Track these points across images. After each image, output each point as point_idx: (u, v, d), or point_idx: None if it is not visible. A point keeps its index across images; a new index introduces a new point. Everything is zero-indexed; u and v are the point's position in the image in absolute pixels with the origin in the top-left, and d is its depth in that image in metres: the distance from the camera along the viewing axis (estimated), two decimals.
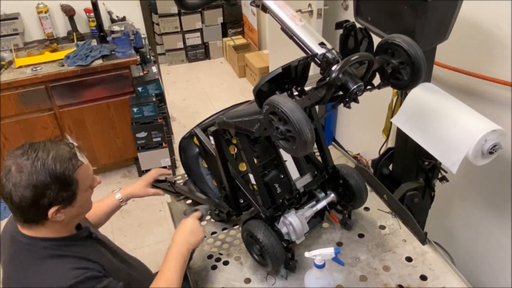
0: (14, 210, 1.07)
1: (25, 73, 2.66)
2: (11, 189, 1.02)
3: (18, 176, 1.02)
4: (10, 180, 1.02)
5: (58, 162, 1.05)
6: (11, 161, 1.04)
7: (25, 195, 1.02)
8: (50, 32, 3.19)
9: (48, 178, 1.03)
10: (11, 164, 1.04)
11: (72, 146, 1.12)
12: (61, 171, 1.05)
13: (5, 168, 1.04)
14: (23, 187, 1.02)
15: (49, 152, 1.05)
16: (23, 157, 1.04)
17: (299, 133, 0.89)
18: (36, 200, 1.04)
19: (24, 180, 1.02)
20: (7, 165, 1.04)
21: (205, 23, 4.84)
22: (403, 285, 1.29)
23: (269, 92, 1.05)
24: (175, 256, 1.23)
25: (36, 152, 1.05)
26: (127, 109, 2.92)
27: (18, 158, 1.04)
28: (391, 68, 1.12)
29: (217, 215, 1.56)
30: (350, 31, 1.13)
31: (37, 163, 1.03)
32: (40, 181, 1.03)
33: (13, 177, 1.02)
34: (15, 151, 1.06)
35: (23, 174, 1.02)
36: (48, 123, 2.85)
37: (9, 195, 1.03)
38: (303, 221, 1.31)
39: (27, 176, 1.02)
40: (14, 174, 1.02)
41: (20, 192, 1.02)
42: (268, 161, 1.40)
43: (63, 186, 1.06)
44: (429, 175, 1.70)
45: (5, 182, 1.03)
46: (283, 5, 1.18)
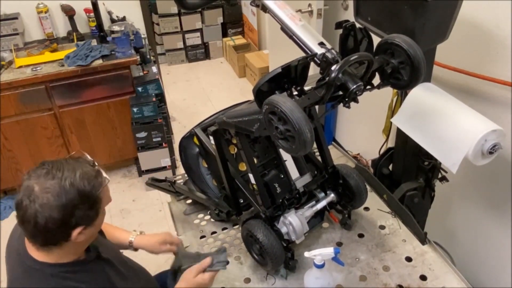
0: (35, 233, 1.00)
1: (25, 73, 2.66)
2: (36, 211, 0.96)
3: (45, 196, 0.96)
4: (35, 201, 0.96)
5: (85, 180, 1.01)
6: (34, 181, 0.98)
7: (53, 216, 0.97)
8: (50, 32, 3.18)
9: (78, 197, 0.99)
10: (34, 184, 0.97)
11: (93, 163, 1.08)
12: (89, 189, 1.01)
13: (26, 189, 0.98)
14: (51, 207, 0.96)
15: (75, 171, 1.00)
16: (48, 176, 0.98)
17: (299, 132, 0.89)
18: (64, 220, 0.99)
19: (52, 201, 0.96)
20: (28, 185, 0.98)
21: (205, 23, 4.84)
22: (403, 285, 1.29)
23: (268, 92, 1.05)
24: None
25: (61, 171, 0.99)
26: (127, 109, 2.92)
27: (42, 178, 0.98)
28: (391, 68, 1.12)
29: (217, 215, 1.56)
30: (349, 31, 1.13)
31: (65, 182, 0.98)
32: (69, 201, 0.98)
33: (39, 198, 0.96)
34: (36, 171, 1.00)
35: (50, 194, 0.96)
36: (48, 123, 2.85)
37: (33, 217, 0.96)
38: (303, 221, 1.31)
39: (56, 197, 0.97)
40: (40, 195, 0.96)
41: (48, 213, 0.96)
42: (268, 161, 1.40)
43: (90, 204, 1.03)
44: (429, 175, 1.70)
45: (28, 203, 0.96)
46: (283, 5, 1.18)
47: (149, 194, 3.11)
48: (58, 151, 2.99)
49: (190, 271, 1.21)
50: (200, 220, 1.62)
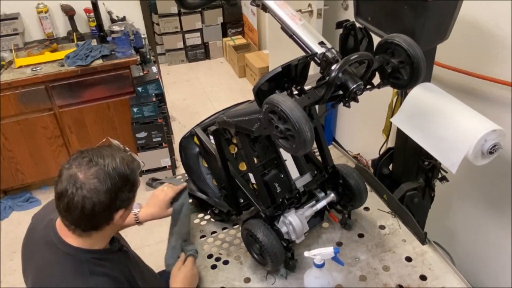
0: (80, 218, 1.04)
1: (25, 73, 2.67)
2: (84, 196, 1.01)
3: (91, 182, 1.01)
4: (82, 188, 1.01)
5: (125, 164, 1.07)
6: (76, 169, 1.02)
7: (101, 200, 1.02)
8: (50, 32, 3.19)
9: (120, 181, 1.05)
10: (77, 172, 1.02)
11: (124, 148, 1.15)
12: (129, 172, 1.08)
13: (70, 177, 1.02)
14: (99, 192, 1.02)
15: (114, 157, 1.06)
16: (91, 164, 1.03)
17: (299, 132, 0.89)
18: (110, 204, 1.04)
19: (99, 186, 1.02)
20: (71, 174, 1.02)
21: (205, 23, 4.85)
22: (402, 285, 1.29)
23: (268, 91, 1.05)
24: None
25: (102, 158, 1.05)
26: (127, 109, 2.93)
27: (85, 166, 1.03)
28: (391, 68, 1.12)
29: (217, 215, 1.56)
30: (350, 31, 1.13)
31: (108, 168, 1.04)
32: (114, 184, 1.04)
33: (86, 184, 1.01)
34: (76, 159, 1.05)
35: (96, 179, 1.02)
36: (48, 123, 2.85)
37: (81, 203, 1.01)
38: (303, 220, 1.31)
39: (102, 182, 1.02)
40: (87, 181, 1.01)
41: (96, 198, 1.01)
42: (268, 161, 1.40)
43: (131, 187, 1.09)
44: (429, 175, 1.70)
45: (75, 191, 1.01)
46: (283, 5, 1.18)
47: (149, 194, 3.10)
48: (58, 151, 2.99)
49: (174, 269, 1.32)
50: (200, 219, 1.62)
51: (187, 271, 1.30)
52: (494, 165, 1.41)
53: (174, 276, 1.30)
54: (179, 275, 1.29)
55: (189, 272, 1.30)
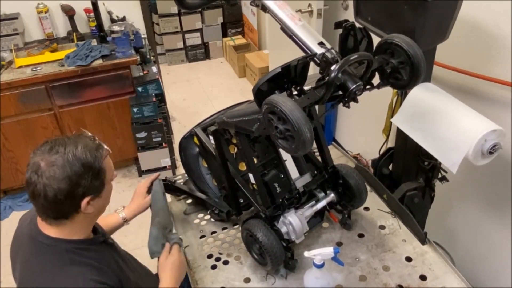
0: (46, 206, 1.07)
1: (25, 73, 2.67)
2: (45, 184, 1.03)
3: (51, 170, 1.03)
4: (43, 175, 1.03)
5: (87, 151, 1.08)
6: (39, 158, 1.05)
7: (61, 187, 1.03)
8: (50, 32, 3.19)
9: (82, 168, 1.05)
10: (40, 160, 1.04)
11: (93, 138, 1.14)
12: (92, 160, 1.08)
13: (33, 165, 1.04)
14: (58, 179, 1.03)
15: (76, 144, 1.07)
16: (52, 152, 1.05)
17: (298, 132, 0.89)
18: (72, 191, 1.05)
19: (58, 173, 1.03)
20: (34, 162, 1.05)
21: (205, 23, 4.84)
22: (402, 285, 1.29)
23: (268, 92, 1.05)
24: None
25: (63, 146, 1.06)
26: (127, 109, 2.93)
27: (47, 154, 1.05)
28: (391, 68, 1.12)
29: (217, 215, 1.56)
30: (349, 31, 1.14)
31: (68, 155, 1.05)
32: (74, 172, 1.04)
33: (46, 172, 1.03)
34: (40, 148, 1.07)
35: (56, 167, 1.03)
36: (48, 123, 2.85)
37: (43, 190, 1.03)
38: (302, 220, 1.31)
39: (61, 169, 1.03)
40: (46, 169, 1.03)
41: (56, 185, 1.03)
42: (267, 161, 1.40)
43: (95, 174, 1.09)
44: (429, 175, 1.70)
45: (36, 179, 1.03)
46: (283, 5, 1.18)
47: None
48: None
49: (161, 258, 1.32)
50: (200, 220, 1.62)
51: (175, 259, 1.30)
52: (494, 165, 1.41)
53: (163, 265, 1.30)
54: (167, 264, 1.29)
55: (176, 260, 1.30)
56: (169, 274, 1.28)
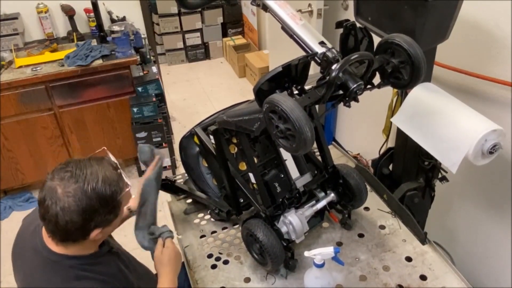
0: (54, 231, 1.05)
1: (25, 73, 2.66)
2: (58, 213, 1.00)
3: (66, 200, 1.00)
4: (57, 203, 1.00)
5: (107, 185, 1.04)
6: (56, 182, 1.01)
7: (73, 220, 1.01)
8: (50, 32, 3.18)
9: (98, 203, 1.02)
10: (57, 186, 1.01)
11: (116, 165, 1.11)
12: (110, 194, 1.04)
13: (49, 189, 1.01)
14: (72, 212, 1.00)
15: (97, 175, 1.03)
16: (72, 180, 1.01)
17: (299, 131, 0.89)
18: (84, 225, 1.03)
19: (73, 205, 1.00)
20: (51, 186, 1.01)
21: (205, 23, 4.84)
22: (402, 285, 1.29)
23: (269, 91, 1.05)
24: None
25: (84, 174, 1.02)
26: (127, 109, 2.92)
27: (66, 181, 1.01)
28: (391, 68, 1.12)
29: (217, 214, 1.56)
30: (350, 31, 1.14)
31: (87, 187, 1.01)
32: (90, 206, 1.01)
33: (61, 201, 1.00)
34: (60, 172, 1.03)
35: (72, 198, 1.00)
36: (48, 123, 2.85)
37: (54, 218, 1.01)
38: (303, 220, 1.31)
39: (77, 201, 1.00)
40: (62, 198, 1.00)
41: (69, 217, 1.00)
42: (268, 160, 1.40)
43: (110, 209, 1.06)
44: (429, 175, 1.70)
45: (50, 204, 1.00)
46: (283, 5, 1.18)
47: None
48: (58, 151, 2.99)
49: (156, 253, 1.30)
50: (200, 219, 1.62)
51: (170, 251, 1.29)
52: (494, 165, 1.42)
53: (159, 259, 1.29)
54: (164, 257, 1.28)
55: (172, 252, 1.29)
56: (167, 267, 1.27)
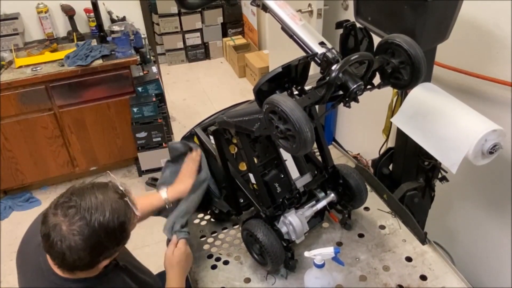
0: (62, 265, 1.01)
1: (25, 73, 2.66)
2: (64, 251, 0.96)
3: (73, 238, 0.95)
4: (63, 242, 0.95)
5: (115, 218, 0.99)
6: (60, 219, 0.96)
7: (81, 257, 0.97)
8: (50, 32, 3.18)
9: (106, 237, 0.99)
10: (61, 223, 0.95)
11: (122, 192, 1.05)
12: (118, 226, 1.00)
13: (54, 226, 0.96)
14: (79, 250, 0.96)
15: (104, 208, 0.98)
16: (77, 216, 0.96)
17: (299, 132, 0.89)
18: (92, 260, 1.00)
19: (80, 244, 0.95)
20: (55, 223, 0.96)
21: (205, 23, 4.85)
22: (402, 285, 1.29)
23: (269, 91, 1.05)
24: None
25: (89, 208, 0.97)
26: (127, 109, 2.92)
27: (71, 217, 0.96)
28: (391, 68, 1.12)
29: (217, 215, 1.56)
30: (350, 31, 1.14)
31: (94, 222, 0.96)
32: (97, 242, 0.98)
33: (67, 240, 0.95)
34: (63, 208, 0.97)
35: (78, 237, 0.95)
36: (48, 123, 2.85)
37: (61, 255, 0.97)
38: (303, 220, 1.31)
39: (85, 239, 0.95)
40: (68, 236, 0.95)
41: (76, 255, 0.96)
42: (268, 161, 1.40)
43: (119, 241, 1.04)
44: (429, 175, 1.70)
45: (56, 241, 0.95)
46: (283, 5, 1.18)
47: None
48: (58, 151, 2.99)
49: (167, 252, 1.31)
50: (200, 219, 1.62)
51: (181, 253, 1.29)
52: (494, 165, 1.42)
53: (170, 260, 1.29)
54: (174, 258, 1.29)
55: (183, 254, 1.30)
56: (176, 269, 1.28)
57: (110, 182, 1.07)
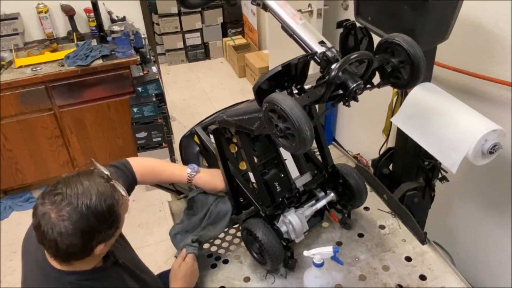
0: (56, 254, 1.01)
1: (25, 73, 2.66)
2: (56, 239, 0.95)
3: (63, 224, 0.95)
4: (53, 229, 0.95)
5: (103, 201, 0.99)
6: (48, 207, 0.96)
7: (73, 243, 0.97)
8: (50, 32, 3.18)
9: (96, 221, 0.98)
10: (49, 211, 0.95)
11: (107, 176, 1.05)
12: (106, 209, 1.00)
13: (42, 215, 0.96)
14: (70, 235, 0.95)
15: (90, 192, 0.98)
16: (64, 202, 0.96)
17: (298, 130, 0.89)
18: (85, 244, 0.99)
19: (71, 229, 0.95)
20: (44, 211, 0.96)
21: (205, 23, 4.85)
22: (402, 285, 1.29)
23: (268, 90, 1.05)
24: None
25: (75, 194, 0.97)
26: (127, 109, 2.93)
27: (58, 204, 0.96)
28: (391, 67, 1.12)
29: None
30: (350, 30, 1.14)
31: (81, 206, 0.96)
32: (88, 226, 0.97)
33: (57, 226, 0.95)
34: (50, 196, 0.97)
35: (67, 222, 0.95)
36: (48, 123, 2.85)
37: (54, 243, 0.96)
38: (302, 220, 1.31)
39: (74, 224, 0.95)
40: (58, 223, 0.95)
41: (68, 240, 0.96)
42: (268, 160, 1.40)
43: (110, 224, 1.02)
44: (429, 175, 1.70)
45: (47, 230, 0.95)
46: (284, 4, 1.19)
47: (149, 194, 3.11)
48: (58, 151, 2.99)
49: (174, 265, 1.31)
50: None
51: (187, 268, 1.30)
52: (494, 165, 1.42)
53: (175, 272, 1.29)
54: (180, 272, 1.29)
55: (189, 269, 1.30)
56: (180, 282, 1.27)
57: (95, 168, 1.06)
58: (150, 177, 1.41)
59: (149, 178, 1.41)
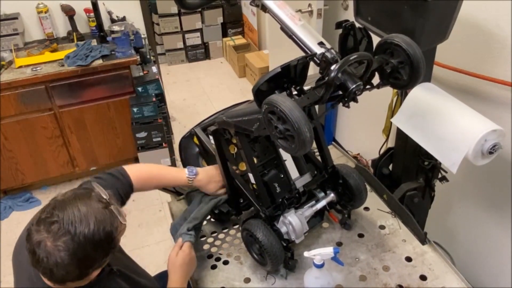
0: (51, 280, 0.98)
1: (25, 73, 2.66)
2: (52, 268, 0.92)
3: (59, 255, 0.91)
4: (49, 258, 0.91)
5: (101, 230, 0.95)
6: (44, 235, 0.92)
7: (70, 272, 0.94)
8: (50, 32, 3.18)
9: (93, 250, 0.95)
10: (45, 239, 0.92)
11: (106, 201, 1.01)
12: (105, 238, 0.96)
13: (37, 243, 0.92)
14: (67, 265, 0.93)
15: (88, 220, 0.94)
16: (60, 232, 0.92)
17: (298, 132, 0.89)
18: (82, 272, 0.97)
19: (67, 259, 0.92)
20: (39, 240, 0.92)
21: (205, 23, 4.85)
22: (402, 285, 1.29)
23: (268, 92, 1.05)
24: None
25: (72, 222, 0.93)
26: (127, 109, 2.93)
27: (54, 233, 0.92)
28: (390, 68, 1.12)
29: (217, 215, 1.56)
30: (349, 31, 1.13)
31: (79, 236, 0.92)
32: (85, 255, 0.94)
33: (54, 256, 0.91)
34: (45, 223, 0.93)
35: (64, 252, 0.92)
36: (48, 123, 2.85)
37: (49, 271, 0.93)
38: (302, 220, 1.31)
39: (71, 254, 0.92)
40: (54, 253, 0.91)
41: (65, 270, 0.93)
42: (267, 161, 1.40)
43: (107, 250, 1.00)
44: (429, 175, 1.70)
45: (42, 257, 0.92)
46: (283, 5, 1.18)
47: (149, 194, 3.10)
48: (58, 151, 2.99)
49: (171, 254, 1.30)
50: None
51: (185, 256, 1.29)
52: (494, 165, 1.41)
53: (173, 261, 1.29)
54: (178, 260, 1.28)
55: (187, 257, 1.29)
56: (178, 271, 1.27)
57: (93, 191, 1.03)
58: (147, 184, 1.40)
59: (146, 185, 1.39)
